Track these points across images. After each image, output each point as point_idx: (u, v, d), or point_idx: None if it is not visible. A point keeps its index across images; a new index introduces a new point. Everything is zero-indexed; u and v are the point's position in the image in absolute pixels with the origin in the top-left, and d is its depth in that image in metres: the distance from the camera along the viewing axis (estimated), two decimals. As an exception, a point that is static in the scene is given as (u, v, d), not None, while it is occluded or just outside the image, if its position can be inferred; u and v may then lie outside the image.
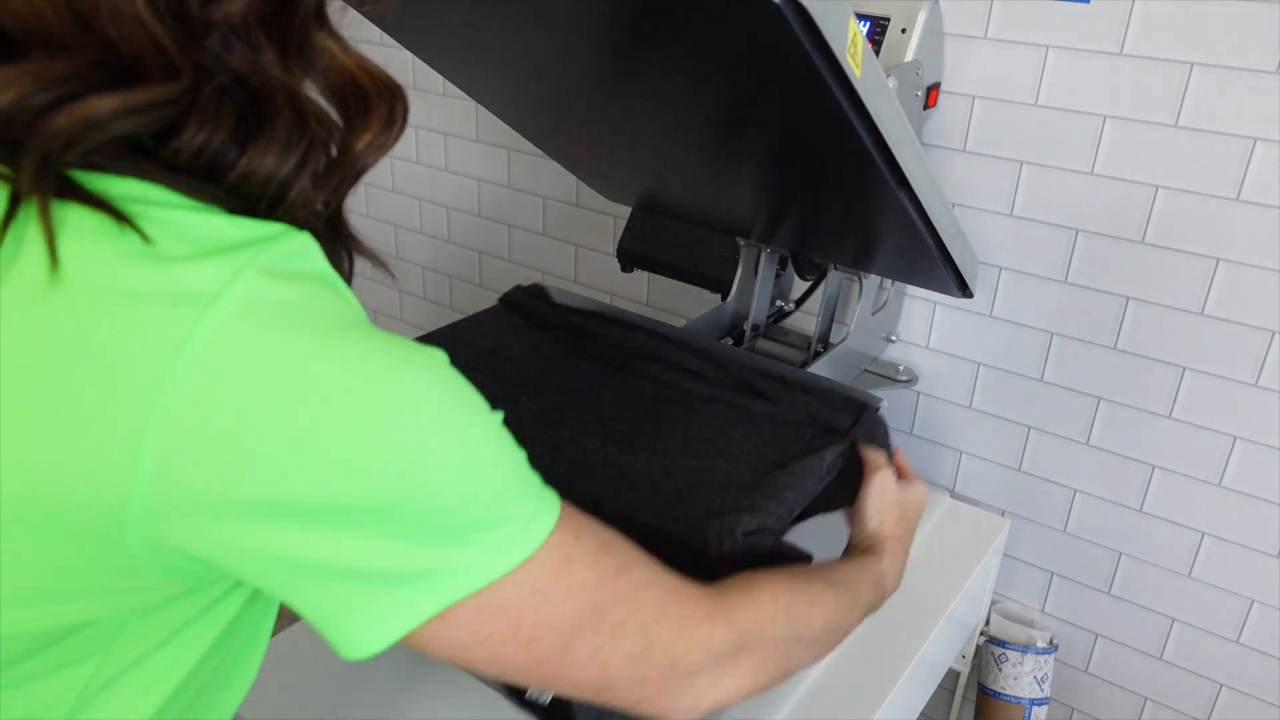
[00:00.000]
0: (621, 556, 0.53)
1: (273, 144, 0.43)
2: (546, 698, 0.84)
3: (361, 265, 0.51)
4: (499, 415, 0.48)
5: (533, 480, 0.49)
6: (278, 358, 0.40)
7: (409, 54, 0.89)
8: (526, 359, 0.95)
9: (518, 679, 0.50)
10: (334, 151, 0.46)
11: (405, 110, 0.48)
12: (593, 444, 0.81)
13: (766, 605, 0.60)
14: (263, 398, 0.39)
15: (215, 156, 0.42)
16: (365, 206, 1.75)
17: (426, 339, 0.98)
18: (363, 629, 0.45)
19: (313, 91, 0.46)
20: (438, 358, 0.46)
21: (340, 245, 0.49)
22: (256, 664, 0.58)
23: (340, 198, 0.48)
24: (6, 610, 0.42)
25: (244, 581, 0.48)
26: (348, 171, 0.47)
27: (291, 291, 0.41)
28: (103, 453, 0.38)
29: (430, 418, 0.44)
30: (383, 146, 0.47)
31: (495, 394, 0.90)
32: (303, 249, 0.43)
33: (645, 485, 0.76)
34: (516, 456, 0.49)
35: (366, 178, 2.15)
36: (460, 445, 0.45)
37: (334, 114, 0.46)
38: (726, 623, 0.57)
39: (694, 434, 0.82)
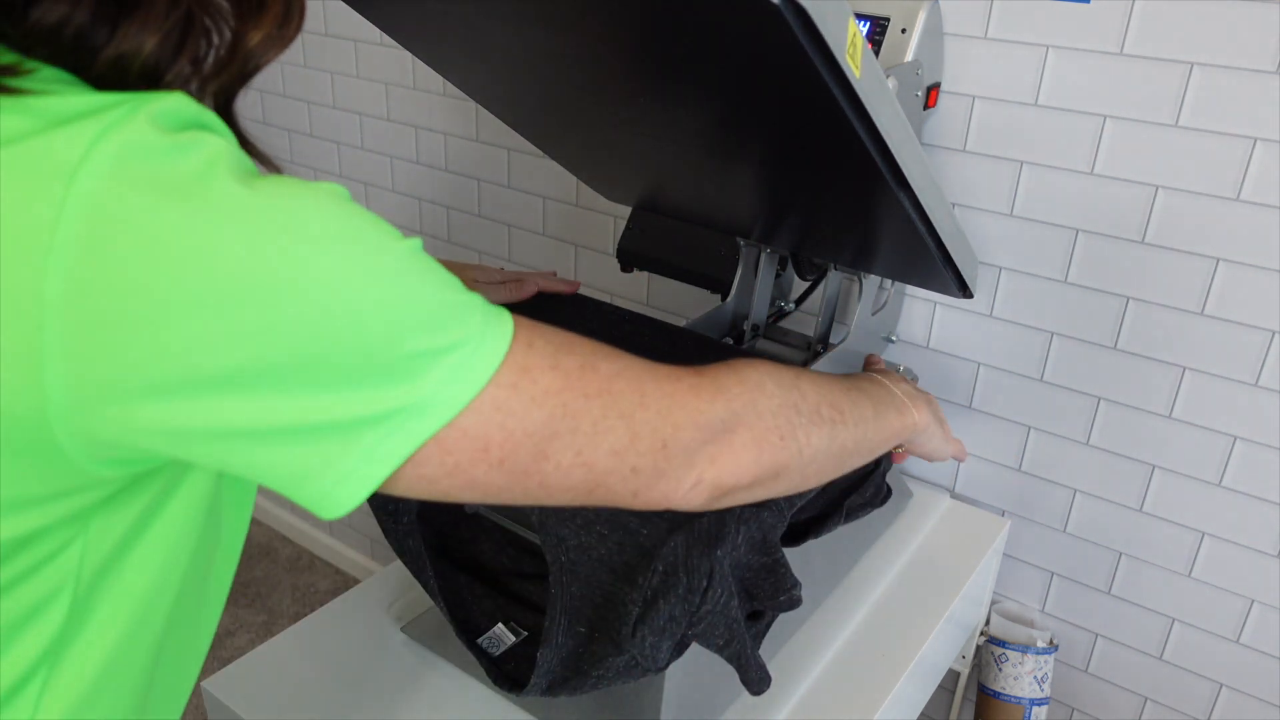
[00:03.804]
0: (584, 353, 0.50)
1: (149, 23, 0.40)
2: (498, 650, 0.86)
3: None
4: (416, 241, 0.44)
5: (472, 300, 0.46)
6: (157, 227, 0.37)
7: (409, 54, 0.89)
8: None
9: (501, 499, 0.48)
10: (221, 42, 0.44)
11: (302, 7, 0.46)
12: None
13: (752, 375, 0.58)
14: (149, 274, 0.37)
15: (81, 35, 0.40)
16: (365, 205, 1.75)
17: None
18: (332, 488, 0.43)
19: None
20: (334, 191, 0.42)
21: None
22: (239, 541, 0.57)
23: (230, 95, 0.46)
24: None
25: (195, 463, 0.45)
26: (240, 68, 0.45)
27: (167, 143, 0.38)
28: (7, 363, 0.37)
29: (334, 255, 0.40)
30: (279, 43, 0.45)
31: None
32: (178, 104, 0.40)
33: None
34: (445, 280, 0.45)
35: (365, 176, 2.12)
36: (374, 277, 0.41)
37: (225, 3, 0.44)
38: (712, 395, 0.54)
39: None
